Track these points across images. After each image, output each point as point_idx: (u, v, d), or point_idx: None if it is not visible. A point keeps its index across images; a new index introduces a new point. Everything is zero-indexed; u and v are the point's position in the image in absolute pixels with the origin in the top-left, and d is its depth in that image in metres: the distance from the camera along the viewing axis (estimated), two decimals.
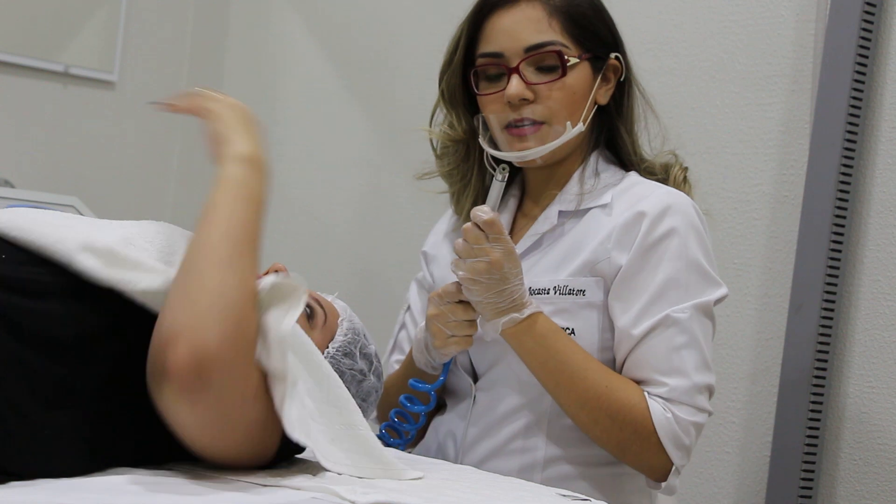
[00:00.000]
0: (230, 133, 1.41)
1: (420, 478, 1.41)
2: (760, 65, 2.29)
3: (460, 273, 1.65)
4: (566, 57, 1.72)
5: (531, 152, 1.74)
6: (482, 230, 1.63)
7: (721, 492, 2.29)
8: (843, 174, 2.12)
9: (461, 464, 1.75)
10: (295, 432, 1.28)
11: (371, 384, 1.62)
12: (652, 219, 1.69)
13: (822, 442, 2.14)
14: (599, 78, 1.76)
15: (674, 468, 1.66)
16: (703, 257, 1.70)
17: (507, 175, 1.75)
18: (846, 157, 2.12)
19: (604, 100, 1.78)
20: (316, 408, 1.33)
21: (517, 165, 1.79)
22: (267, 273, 1.61)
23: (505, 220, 1.82)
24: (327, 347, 1.57)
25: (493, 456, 1.74)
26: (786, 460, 2.13)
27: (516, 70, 1.72)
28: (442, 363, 1.77)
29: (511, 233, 1.81)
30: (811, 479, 2.13)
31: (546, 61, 1.73)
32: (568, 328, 1.70)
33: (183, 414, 1.21)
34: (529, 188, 1.84)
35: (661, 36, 2.39)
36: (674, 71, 2.37)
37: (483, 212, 1.63)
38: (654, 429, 1.64)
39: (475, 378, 1.79)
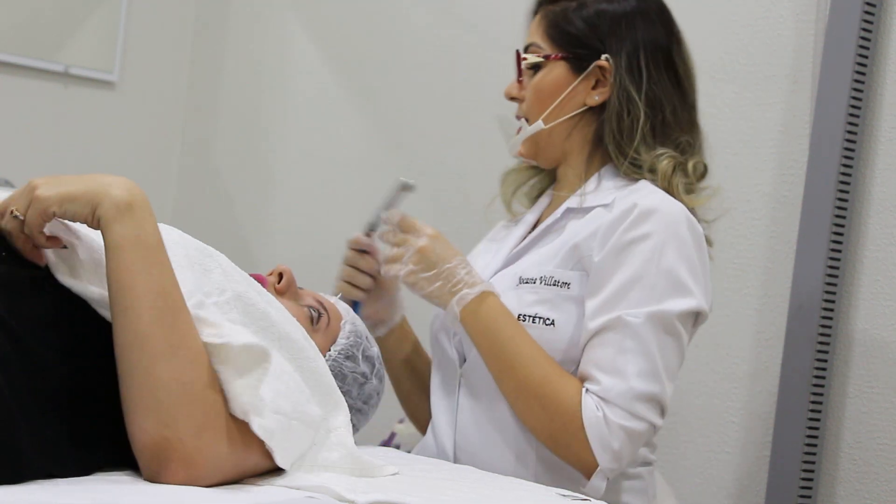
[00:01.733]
0: (88, 196, 1.27)
1: (396, 473, 1.41)
2: (760, 65, 2.29)
3: (400, 273, 1.73)
4: (522, 56, 1.81)
5: (508, 146, 1.86)
6: (401, 230, 1.75)
7: (721, 492, 2.29)
8: (843, 174, 2.12)
9: (458, 445, 1.75)
10: (287, 465, 1.29)
11: (373, 387, 1.61)
12: (633, 219, 1.68)
13: (821, 442, 2.14)
14: (581, 79, 1.78)
15: (598, 469, 1.63)
16: (680, 266, 1.67)
17: (407, 186, 1.83)
18: (846, 157, 2.12)
19: (592, 101, 1.79)
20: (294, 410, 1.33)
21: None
22: (271, 274, 1.61)
23: (536, 211, 1.89)
24: (329, 350, 1.57)
25: (489, 439, 1.74)
26: (786, 460, 2.13)
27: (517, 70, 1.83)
28: None
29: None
30: (811, 480, 2.13)
31: (524, 63, 1.82)
32: (548, 319, 1.70)
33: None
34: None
35: None
36: None
37: (391, 214, 1.76)
38: (583, 424, 1.62)
39: (462, 360, 1.79)
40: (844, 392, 2.14)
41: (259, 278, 1.52)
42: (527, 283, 1.73)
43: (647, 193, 1.72)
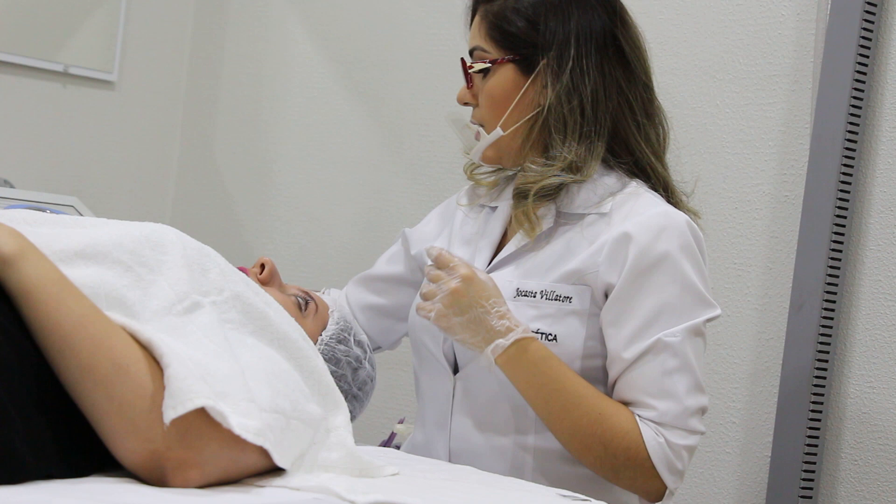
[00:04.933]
0: None
1: (396, 473, 1.41)
2: (760, 65, 2.29)
3: (431, 315, 1.65)
4: (469, 63, 1.76)
5: (471, 153, 1.80)
6: (436, 266, 1.66)
7: (721, 492, 2.28)
8: (844, 174, 2.12)
9: (453, 452, 1.75)
10: (285, 464, 1.26)
11: (366, 373, 1.63)
12: (645, 241, 1.66)
13: (822, 442, 2.14)
14: (531, 80, 1.73)
15: (667, 491, 1.66)
16: (697, 279, 1.67)
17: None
18: (847, 156, 2.12)
19: (546, 101, 1.73)
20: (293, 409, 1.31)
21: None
22: (254, 267, 1.63)
23: (503, 215, 1.81)
24: (320, 335, 1.59)
25: (485, 449, 1.73)
26: (786, 461, 2.13)
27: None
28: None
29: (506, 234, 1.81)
30: (812, 480, 2.13)
31: (472, 70, 1.77)
32: (550, 334, 1.68)
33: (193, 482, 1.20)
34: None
35: (661, 36, 2.39)
36: (674, 71, 2.36)
37: (430, 249, 1.67)
38: (648, 455, 1.63)
39: (455, 369, 1.77)
40: (845, 392, 2.14)
41: (242, 270, 1.53)
42: (525, 295, 1.70)
43: (644, 206, 1.70)
